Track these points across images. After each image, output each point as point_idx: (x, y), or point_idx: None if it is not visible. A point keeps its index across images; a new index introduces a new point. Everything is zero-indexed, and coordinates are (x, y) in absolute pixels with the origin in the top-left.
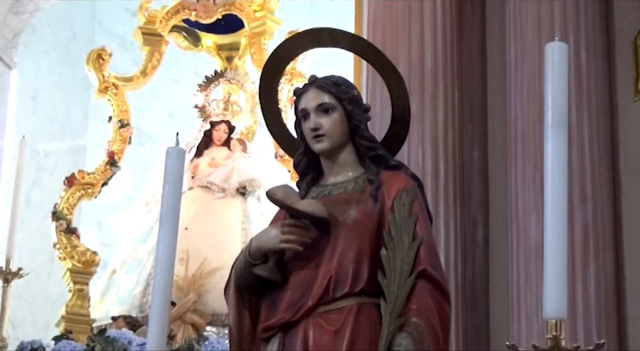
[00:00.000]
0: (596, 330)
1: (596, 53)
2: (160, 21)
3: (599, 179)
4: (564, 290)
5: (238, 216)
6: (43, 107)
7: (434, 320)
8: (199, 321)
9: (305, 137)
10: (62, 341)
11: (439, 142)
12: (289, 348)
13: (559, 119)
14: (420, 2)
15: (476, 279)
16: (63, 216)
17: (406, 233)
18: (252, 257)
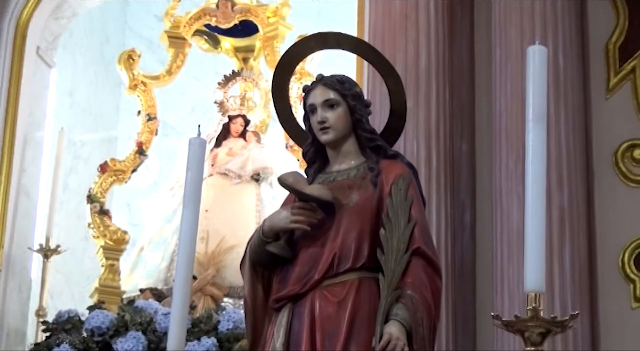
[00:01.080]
0: (571, 303)
1: (572, 56)
2: (184, 26)
3: (574, 168)
4: (542, 267)
5: (252, 200)
6: (79, 102)
7: (427, 292)
8: (218, 293)
9: (313, 129)
10: (96, 310)
11: (431, 135)
12: (298, 317)
13: (539, 114)
14: (415, 9)
15: (464, 257)
16: (97, 199)
17: (402, 215)
18: (265, 236)
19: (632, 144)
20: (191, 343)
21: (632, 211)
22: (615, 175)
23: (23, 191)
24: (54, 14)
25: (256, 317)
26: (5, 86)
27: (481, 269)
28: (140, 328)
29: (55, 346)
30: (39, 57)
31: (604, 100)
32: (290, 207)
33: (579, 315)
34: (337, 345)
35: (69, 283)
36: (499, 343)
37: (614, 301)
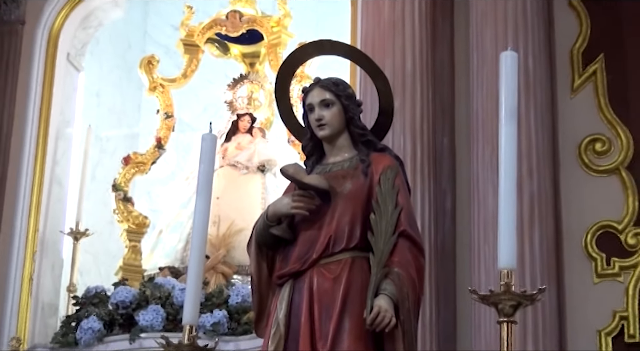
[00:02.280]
0: (540, 278)
1: (541, 60)
2: (197, 35)
3: (542, 159)
4: (514, 247)
5: (258, 189)
6: (105, 102)
7: (412, 270)
8: (228, 271)
9: (311, 125)
10: (120, 286)
11: (416, 130)
12: (298, 291)
13: (510, 112)
14: (402, 20)
15: (445, 239)
16: (121, 188)
17: (390, 202)
18: (269, 220)
19: (593, 139)
20: (204, 315)
21: (594, 198)
22: (579, 166)
23: (55, 181)
24: (82, 24)
25: (261, 292)
26: (39, 88)
27: (460, 250)
28: (160, 302)
29: (84, 318)
30: (69, 63)
31: (569, 99)
32: (291, 195)
33: (547, 290)
34: (332, 316)
35: (96, 262)
36: (476, 315)
37: (578, 277)
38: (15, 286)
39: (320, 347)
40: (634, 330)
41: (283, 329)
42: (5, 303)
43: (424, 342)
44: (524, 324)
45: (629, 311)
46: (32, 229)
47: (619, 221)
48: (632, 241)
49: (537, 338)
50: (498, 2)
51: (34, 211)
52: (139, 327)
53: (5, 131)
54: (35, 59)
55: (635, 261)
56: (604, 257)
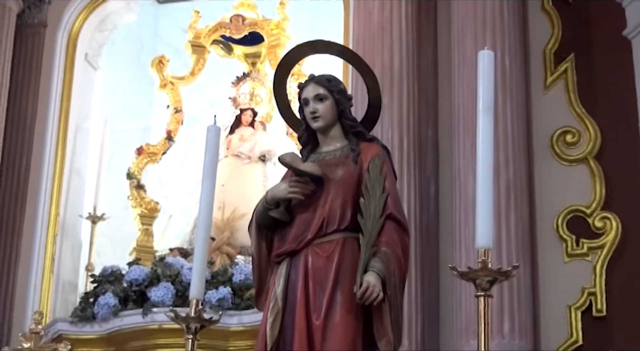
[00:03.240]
0: (515, 258)
1: (516, 59)
2: (204, 36)
3: (517, 150)
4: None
5: (260, 176)
6: (120, 98)
7: (398, 249)
8: (232, 251)
9: (306, 118)
10: (134, 266)
11: (403, 123)
12: (294, 268)
13: (487, 106)
14: (390, 23)
15: (429, 221)
16: (134, 176)
17: (378, 187)
18: (268, 203)
19: (564, 131)
20: (210, 291)
21: (565, 185)
22: (551, 155)
23: (74, 170)
24: (99, 27)
25: (261, 269)
26: (60, 85)
27: (443, 231)
28: (170, 279)
29: (101, 295)
30: (87, 62)
31: (542, 95)
32: (288, 181)
33: (522, 268)
34: (325, 291)
35: (112, 243)
36: (456, 290)
37: (550, 257)
38: (38, 266)
39: (315, 319)
40: (601, 305)
41: (281, 303)
42: (29, 280)
43: (409, 315)
44: (501, 299)
45: (596, 288)
46: (54, 214)
47: (587, 205)
48: (600, 224)
49: (513, 312)
50: (477, 6)
51: (55, 197)
52: (150, 303)
53: (28, 125)
54: (56, 59)
55: (602, 242)
56: (574, 238)
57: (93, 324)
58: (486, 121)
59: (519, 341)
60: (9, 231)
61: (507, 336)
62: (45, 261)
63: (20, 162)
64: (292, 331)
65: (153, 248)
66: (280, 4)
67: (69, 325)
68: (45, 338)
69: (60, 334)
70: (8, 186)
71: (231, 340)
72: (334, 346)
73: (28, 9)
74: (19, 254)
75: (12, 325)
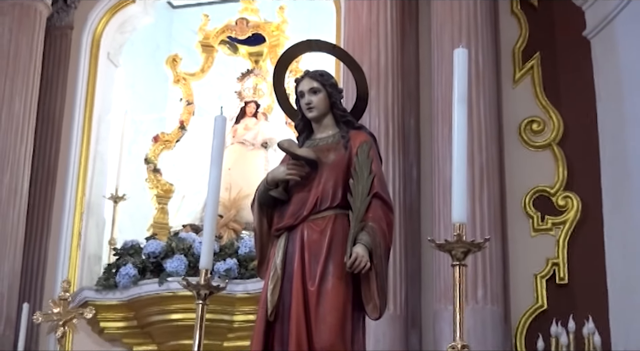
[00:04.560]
0: (487, 232)
1: (488, 56)
2: (212, 37)
3: (489, 136)
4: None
5: (262, 161)
6: (138, 92)
7: (383, 224)
8: (238, 227)
9: (302, 109)
10: (151, 240)
11: (388, 112)
12: (292, 241)
13: (461, 97)
14: (377, 25)
15: (412, 200)
16: (151, 161)
17: (365, 169)
18: (268, 184)
19: (531, 120)
20: (219, 263)
21: (532, 168)
22: (519, 142)
23: (99, 156)
24: (119, 29)
25: (263, 242)
26: (85, 80)
27: (424, 209)
28: (183, 252)
29: (122, 266)
30: (109, 60)
31: (511, 89)
32: (286, 164)
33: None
34: (319, 261)
35: (132, 220)
36: (436, 260)
37: (518, 231)
38: (67, 240)
39: (310, 286)
40: (563, 274)
41: (280, 271)
42: (58, 253)
43: (394, 282)
44: (475, 269)
45: (559, 258)
46: (80, 195)
47: (551, 186)
48: (562, 203)
49: (486, 280)
50: (454, 10)
51: (81, 180)
52: (166, 272)
53: (57, 116)
54: (81, 58)
55: (564, 218)
56: (539, 215)
57: (115, 292)
58: (461, 111)
59: (491, 306)
60: (41, 209)
61: (481, 301)
62: (73, 236)
63: (51, 149)
64: (290, 296)
65: (168, 224)
66: (279, 8)
67: (94, 292)
68: (73, 304)
69: (86, 301)
70: (40, 171)
71: (237, 306)
72: (327, 310)
73: (57, 13)
74: (49, 230)
75: (43, 292)
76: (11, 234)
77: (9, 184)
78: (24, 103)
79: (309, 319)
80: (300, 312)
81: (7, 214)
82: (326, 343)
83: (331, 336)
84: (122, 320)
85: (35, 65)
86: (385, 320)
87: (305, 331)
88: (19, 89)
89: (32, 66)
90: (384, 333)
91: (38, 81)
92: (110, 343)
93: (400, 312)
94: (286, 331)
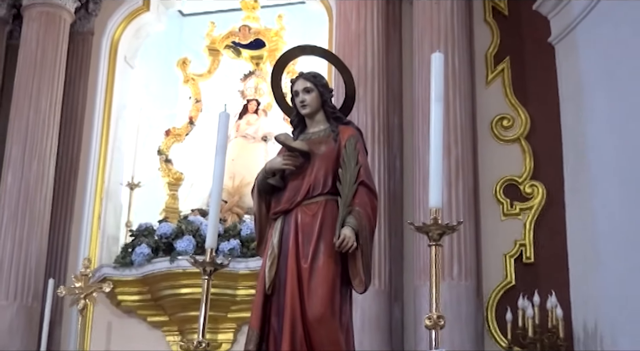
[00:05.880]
0: (461, 215)
1: (463, 60)
2: (218, 42)
3: (464, 130)
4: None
5: (262, 153)
6: (152, 91)
7: (368, 208)
8: (240, 211)
9: (297, 106)
10: (163, 223)
11: (374, 110)
12: (287, 224)
13: (438, 97)
14: (364, 32)
15: (395, 188)
16: (163, 153)
17: (352, 160)
18: (267, 173)
19: (501, 117)
20: (223, 243)
21: (502, 159)
22: (491, 136)
23: (116, 148)
24: (135, 35)
25: (261, 224)
26: (104, 81)
27: (406, 196)
28: (191, 233)
29: (138, 246)
30: (126, 63)
31: (484, 89)
32: (282, 155)
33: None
34: (311, 241)
35: (146, 205)
36: (416, 241)
37: (489, 216)
38: (88, 223)
39: (303, 263)
40: (529, 254)
41: (277, 250)
42: (80, 234)
43: (379, 260)
44: (451, 249)
45: (526, 240)
46: (100, 182)
47: (519, 176)
48: (529, 190)
49: (460, 259)
50: (433, 19)
51: (101, 169)
52: (176, 252)
53: (79, 112)
54: (101, 60)
55: (531, 204)
56: (509, 201)
57: (131, 269)
58: (437, 109)
59: (465, 282)
60: (65, 195)
61: (456, 277)
62: (93, 219)
63: (74, 141)
64: (285, 272)
65: (178, 209)
66: (278, 16)
67: (112, 269)
68: (93, 280)
69: (105, 276)
70: (64, 160)
71: (239, 281)
72: (318, 284)
73: (79, 20)
74: (73, 213)
75: (67, 269)
76: (38, 217)
77: (36, 172)
78: (50, 100)
79: (302, 292)
80: (294, 286)
81: (35, 199)
82: (317, 313)
83: (322, 308)
84: (137, 294)
85: (60, 66)
86: (370, 294)
87: (299, 303)
88: (46, 87)
89: (57, 67)
90: (370, 306)
91: (62, 81)
92: (127, 314)
93: (384, 287)
94: (282, 303)
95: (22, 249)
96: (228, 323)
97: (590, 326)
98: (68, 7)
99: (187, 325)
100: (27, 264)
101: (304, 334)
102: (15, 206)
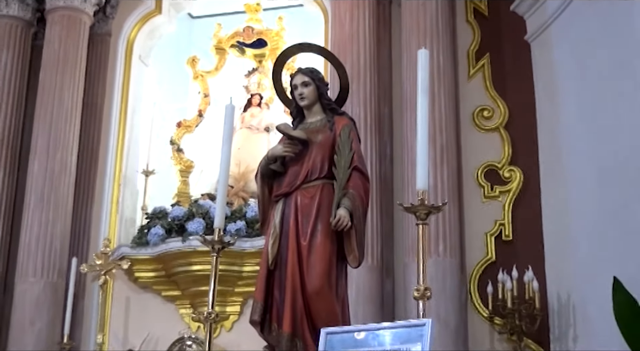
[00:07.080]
0: (446, 197)
1: (447, 56)
2: (224, 42)
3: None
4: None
5: (265, 142)
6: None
7: (361, 191)
8: (246, 195)
9: (295, 99)
10: (175, 206)
11: (367, 102)
12: (288, 205)
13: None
14: (357, 31)
15: (386, 172)
16: (175, 142)
17: (347, 147)
18: (269, 159)
19: (482, 108)
20: (230, 224)
21: (483, 147)
22: (473, 126)
23: (132, 138)
24: (148, 36)
25: (264, 206)
26: (120, 78)
27: (396, 179)
28: (201, 216)
29: (153, 227)
30: (141, 61)
31: (466, 82)
32: (283, 143)
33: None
34: (310, 221)
35: (160, 190)
36: (405, 221)
37: (472, 198)
38: (107, 207)
39: (302, 241)
40: (508, 232)
41: (278, 230)
42: (100, 217)
43: (371, 238)
44: (437, 228)
45: (505, 220)
46: (118, 169)
47: (499, 161)
48: (508, 175)
49: (445, 238)
50: (420, 19)
51: (118, 158)
52: (188, 232)
53: (99, 107)
54: (117, 59)
55: (509, 187)
56: (489, 185)
57: (147, 248)
58: (423, 101)
59: (450, 259)
60: (86, 181)
61: (441, 254)
62: (112, 203)
63: (94, 133)
64: (286, 249)
65: (189, 193)
66: (279, 18)
67: (130, 248)
68: (112, 258)
69: (123, 255)
70: (85, 150)
71: (245, 259)
72: (316, 260)
73: (97, 23)
74: (93, 197)
75: (89, 248)
76: (62, 201)
77: (60, 161)
78: (72, 96)
79: (302, 267)
80: (294, 262)
81: (59, 185)
82: (316, 287)
83: (320, 281)
84: (153, 271)
85: (81, 65)
86: (364, 270)
87: (299, 277)
88: (68, 84)
89: (78, 66)
90: (364, 281)
91: (83, 78)
92: (143, 289)
93: (377, 264)
94: (284, 277)
95: (47, 231)
96: (235, 297)
97: (563, 297)
98: (87, 11)
99: (198, 299)
100: (52, 245)
101: (303, 305)
102: (41, 192)
